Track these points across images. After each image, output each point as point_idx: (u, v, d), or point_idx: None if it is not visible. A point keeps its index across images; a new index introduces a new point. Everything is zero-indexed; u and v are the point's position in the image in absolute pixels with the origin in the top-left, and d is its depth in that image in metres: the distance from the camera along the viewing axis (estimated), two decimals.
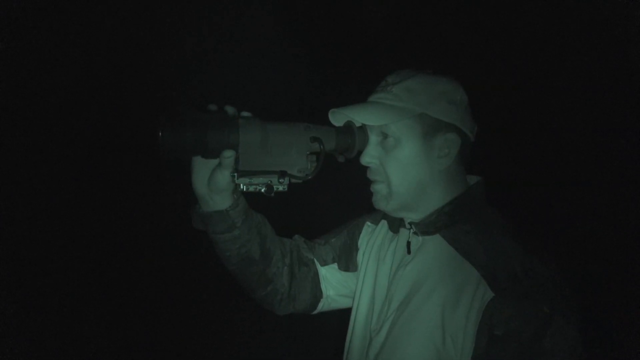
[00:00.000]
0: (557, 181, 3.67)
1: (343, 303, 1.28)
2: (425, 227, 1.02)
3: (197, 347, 3.23)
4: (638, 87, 3.18)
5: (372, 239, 1.22)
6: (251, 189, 0.97)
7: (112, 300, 3.35)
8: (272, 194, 0.96)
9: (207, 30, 3.61)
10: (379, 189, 1.04)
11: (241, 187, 0.97)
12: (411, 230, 1.05)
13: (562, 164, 3.71)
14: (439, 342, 0.92)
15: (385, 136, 1.01)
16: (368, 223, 1.27)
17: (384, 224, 1.20)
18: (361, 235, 1.26)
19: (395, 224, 1.13)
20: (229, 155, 0.92)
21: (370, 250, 1.20)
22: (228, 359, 3.19)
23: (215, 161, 0.96)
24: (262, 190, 0.96)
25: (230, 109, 0.98)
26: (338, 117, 1.06)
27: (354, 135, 1.03)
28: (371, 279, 1.16)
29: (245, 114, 1.00)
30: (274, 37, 3.59)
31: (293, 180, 1.00)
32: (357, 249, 1.26)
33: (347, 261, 1.26)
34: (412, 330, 0.97)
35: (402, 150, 0.99)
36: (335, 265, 1.27)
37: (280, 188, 0.98)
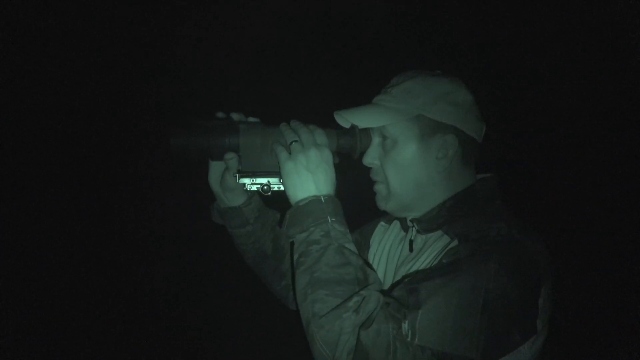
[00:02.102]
0: (565, 180, 3.58)
1: None
2: (426, 224, 1.02)
3: (197, 346, 3.27)
4: None
5: (384, 238, 1.23)
6: (254, 188, 1.05)
7: (123, 300, 3.45)
8: (269, 193, 1.03)
9: (222, 39, 3.68)
10: (379, 189, 1.06)
11: (245, 186, 1.04)
12: (414, 229, 1.06)
13: (569, 163, 3.62)
14: None
15: (384, 137, 1.02)
16: (382, 223, 1.28)
17: (396, 223, 1.21)
18: (374, 234, 1.28)
19: (404, 223, 1.13)
20: (229, 157, 1.01)
21: (382, 249, 1.21)
22: (232, 358, 3.21)
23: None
24: (256, 188, 1.03)
25: (235, 115, 1.07)
26: (344, 120, 1.10)
27: (355, 137, 1.05)
28: (380, 277, 1.17)
29: (252, 119, 1.08)
30: (283, 42, 3.66)
31: None
32: (368, 248, 1.27)
33: None
34: None
35: (399, 151, 0.99)
36: None
37: (282, 188, 1.04)
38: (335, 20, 3.74)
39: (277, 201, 1.17)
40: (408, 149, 0.99)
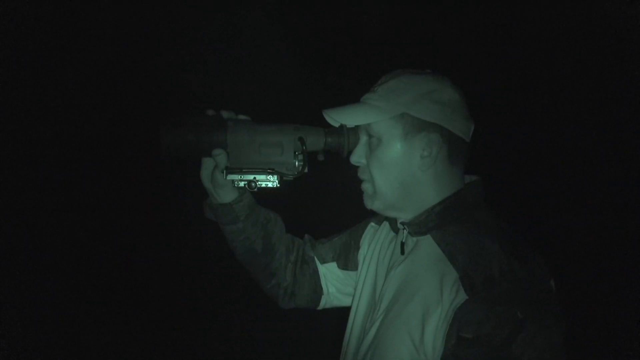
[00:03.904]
0: (558, 181, 3.57)
1: (346, 301, 1.30)
2: (416, 228, 1.01)
3: (194, 346, 3.28)
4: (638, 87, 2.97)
5: (375, 239, 1.23)
6: (242, 184, 1.07)
7: (122, 299, 3.45)
8: (256, 189, 1.05)
9: (212, 34, 3.68)
10: (365, 188, 1.05)
11: (234, 182, 1.06)
12: (405, 231, 1.05)
13: (563, 164, 3.61)
14: (417, 341, 0.91)
15: (370, 136, 1.02)
16: (372, 223, 1.28)
17: (385, 224, 1.20)
18: (364, 235, 1.28)
19: (394, 224, 1.13)
20: (217, 153, 1.03)
21: (373, 250, 1.21)
22: (227, 359, 3.20)
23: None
24: (244, 185, 1.05)
25: (225, 113, 1.08)
26: (332, 119, 1.10)
27: (343, 135, 1.06)
28: (371, 279, 1.16)
29: (242, 116, 1.10)
30: (276, 40, 3.68)
31: (285, 178, 1.08)
32: (358, 248, 1.27)
33: (346, 260, 1.28)
34: (394, 329, 0.97)
35: (383, 149, 0.99)
36: (334, 264, 1.30)
37: (270, 185, 1.06)
38: (331, 18, 3.76)
39: (269, 199, 1.19)
40: (392, 147, 0.98)
